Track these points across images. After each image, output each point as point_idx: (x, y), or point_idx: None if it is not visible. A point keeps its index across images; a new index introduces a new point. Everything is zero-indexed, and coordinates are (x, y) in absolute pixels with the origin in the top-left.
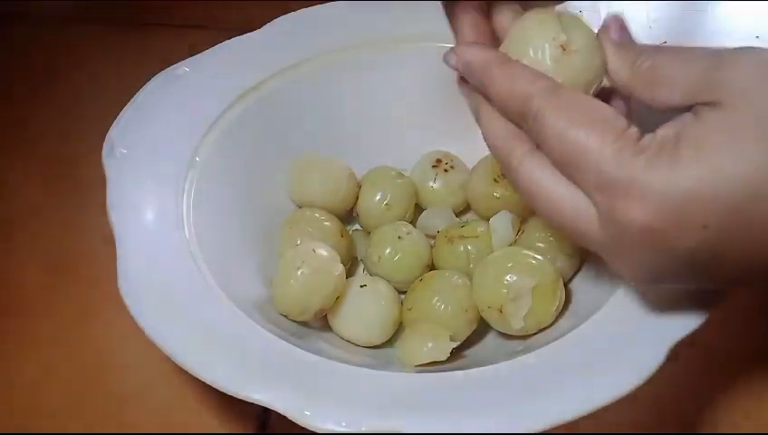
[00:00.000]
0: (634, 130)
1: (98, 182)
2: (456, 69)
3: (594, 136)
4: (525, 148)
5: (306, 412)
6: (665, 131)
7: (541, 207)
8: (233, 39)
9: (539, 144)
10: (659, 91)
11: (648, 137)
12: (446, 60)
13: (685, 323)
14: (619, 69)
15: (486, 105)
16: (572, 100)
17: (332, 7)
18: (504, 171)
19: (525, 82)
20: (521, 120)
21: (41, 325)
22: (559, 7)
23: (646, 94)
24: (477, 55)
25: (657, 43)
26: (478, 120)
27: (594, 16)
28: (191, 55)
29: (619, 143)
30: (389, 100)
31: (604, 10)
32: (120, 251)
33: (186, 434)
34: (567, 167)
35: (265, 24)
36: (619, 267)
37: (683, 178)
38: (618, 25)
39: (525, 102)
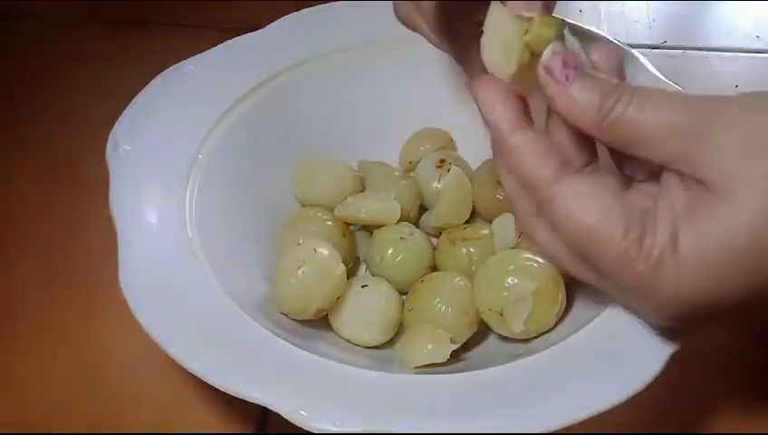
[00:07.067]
0: (635, 233)
1: (99, 182)
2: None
3: (601, 234)
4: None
5: (302, 412)
6: (662, 236)
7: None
8: (237, 38)
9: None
10: (634, 148)
11: (648, 238)
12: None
13: None
14: (583, 113)
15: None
16: (577, 190)
17: (334, 7)
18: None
19: (531, 168)
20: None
21: (41, 325)
22: (560, 5)
23: (615, 146)
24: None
25: (656, 42)
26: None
27: (594, 16)
28: (194, 54)
29: (624, 245)
30: (390, 99)
31: (604, 10)
32: (121, 248)
33: (186, 434)
34: (579, 249)
35: (267, 24)
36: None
37: (688, 283)
38: (570, 61)
39: (533, 191)
